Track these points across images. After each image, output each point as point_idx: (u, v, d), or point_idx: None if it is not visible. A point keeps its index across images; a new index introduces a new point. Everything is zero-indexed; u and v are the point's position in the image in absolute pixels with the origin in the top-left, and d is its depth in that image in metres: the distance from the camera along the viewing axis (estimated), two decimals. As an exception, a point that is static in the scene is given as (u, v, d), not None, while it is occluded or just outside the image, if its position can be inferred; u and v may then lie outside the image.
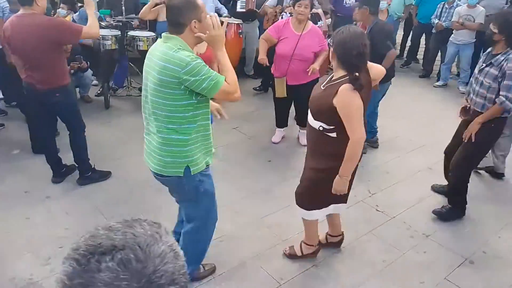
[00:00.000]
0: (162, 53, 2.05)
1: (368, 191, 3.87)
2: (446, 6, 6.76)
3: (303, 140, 4.69)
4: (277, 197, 3.68)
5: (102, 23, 5.34)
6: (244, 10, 6.13)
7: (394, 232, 3.35)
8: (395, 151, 4.67)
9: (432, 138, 4.85)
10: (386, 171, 4.27)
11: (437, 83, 7.03)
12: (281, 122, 4.75)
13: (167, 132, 2.16)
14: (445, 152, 3.71)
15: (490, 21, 3.28)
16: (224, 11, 6.05)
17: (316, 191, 2.70)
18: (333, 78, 2.48)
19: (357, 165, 2.59)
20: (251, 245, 3.10)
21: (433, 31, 6.99)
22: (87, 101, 5.51)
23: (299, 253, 2.96)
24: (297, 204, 2.82)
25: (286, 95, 4.36)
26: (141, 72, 5.52)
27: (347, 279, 2.84)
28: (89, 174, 3.79)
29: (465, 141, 3.28)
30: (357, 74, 2.33)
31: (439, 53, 7.26)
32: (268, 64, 4.31)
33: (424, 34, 7.61)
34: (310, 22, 4.31)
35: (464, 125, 3.38)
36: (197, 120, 2.17)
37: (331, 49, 2.49)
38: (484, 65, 3.19)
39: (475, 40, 6.40)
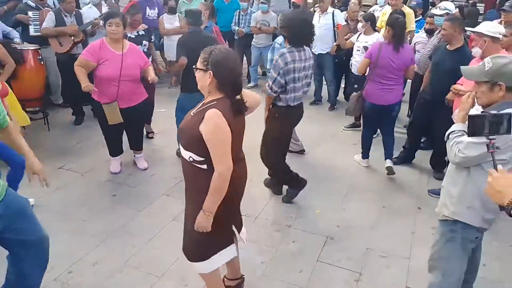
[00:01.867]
0: None
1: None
2: (242, 13, 7.33)
3: (142, 164, 4.44)
4: (136, 233, 3.35)
5: None
6: (39, 33, 5.38)
7: (262, 231, 3.46)
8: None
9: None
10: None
11: (249, 85, 7.57)
12: (116, 149, 4.36)
13: None
14: None
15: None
16: (15, 34, 5.23)
17: (208, 234, 2.26)
18: (204, 103, 2.21)
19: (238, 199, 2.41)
20: (125, 293, 2.75)
21: (236, 37, 7.48)
22: None
23: None
24: (190, 260, 2.41)
25: (122, 120, 4.00)
26: None
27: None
28: None
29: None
30: (238, 96, 2.18)
31: (244, 57, 7.82)
32: (96, 89, 3.88)
33: (227, 41, 8.09)
34: (126, 41, 4.08)
35: None
36: None
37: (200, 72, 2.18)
38: None
39: (272, 42, 7.10)
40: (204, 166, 2.18)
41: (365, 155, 4.63)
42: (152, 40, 5.23)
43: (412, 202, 3.93)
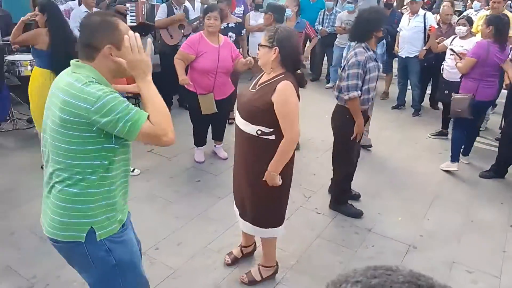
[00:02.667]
0: (67, 85, 1.59)
1: (303, 195, 3.90)
2: (327, 13, 7.28)
3: (223, 154, 4.57)
4: (216, 220, 3.47)
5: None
6: (135, 23, 5.74)
7: (340, 231, 3.41)
8: (313, 152, 4.81)
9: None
10: (312, 173, 4.37)
11: (328, 85, 7.50)
12: (201, 140, 4.53)
13: (69, 184, 1.64)
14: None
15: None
16: None
17: (275, 204, 2.56)
18: (268, 78, 2.39)
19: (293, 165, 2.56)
20: (206, 277, 2.85)
21: (318, 36, 7.44)
22: (-41, 142, 4.58)
23: (258, 278, 2.77)
24: (258, 226, 2.60)
25: (216, 110, 4.15)
26: (24, 101, 5.00)
27: (315, 289, 2.78)
28: None
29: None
30: (299, 71, 2.38)
31: (325, 57, 7.76)
32: (191, 83, 4.06)
33: (308, 41, 8.06)
34: (220, 34, 4.22)
35: None
36: (113, 169, 1.68)
37: (265, 48, 2.38)
38: None
39: (356, 42, 6.98)
40: (272, 137, 2.35)
41: (456, 157, 4.43)
42: (242, 34, 5.35)
43: (503, 219, 3.66)
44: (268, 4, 4.65)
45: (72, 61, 1.68)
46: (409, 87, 6.33)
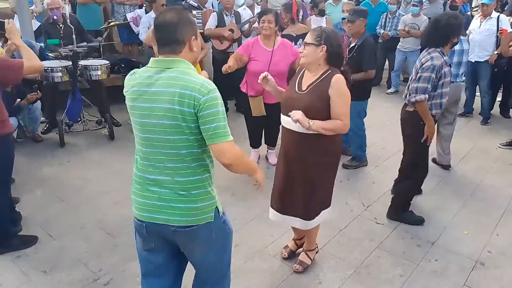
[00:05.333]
0: (175, 79, 1.69)
1: (362, 204, 3.80)
2: (389, 16, 7.07)
3: (273, 160, 4.57)
4: (272, 224, 3.45)
5: (50, 54, 4.88)
6: (202, 31, 5.91)
7: (401, 243, 3.28)
8: (373, 160, 4.67)
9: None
10: (372, 181, 4.24)
11: (389, 90, 7.28)
12: (257, 142, 4.58)
13: (189, 173, 1.78)
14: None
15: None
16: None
17: (323, 192, 2.75)
18: (317, 77, 2.54)
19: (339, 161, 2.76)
20: (261, 280, 2.86)
21: (380, 40, 7.25)
22: (37, 140, 4.95)
23: (309, 262, 2.97)
24: (308, 219, 2.74)
25: (265, 113, 4.19)
26: (93, 103, 5.32)
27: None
28: (7, 242, 3.08)
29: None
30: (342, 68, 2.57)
31: (386, 61, 7.54)
32: (228, 70, 4.04)
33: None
34: (278, 37, 4.23)
35: None
36: (209, 155, 1.86)
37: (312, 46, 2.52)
38: None
39: (420, 47, 6.71)
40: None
41: None
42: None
43: None
44: (352, 9, 4.52)
45: (156, 59, 1.77)
46: (477, 93, 5.99)
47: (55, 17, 5.07)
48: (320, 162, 2.62)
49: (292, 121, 2.45)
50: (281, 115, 2.67)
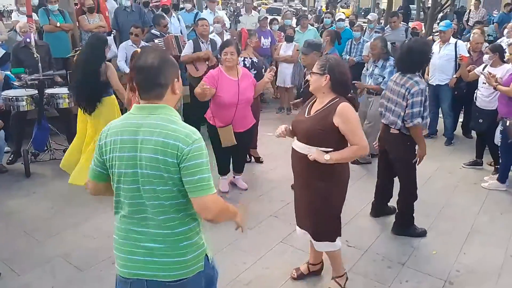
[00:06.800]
0: (159, 127, 1.64)
1: (334, 227, 3.83)
2: (354, 42, 7.33)
3: (242, 184, 4.62)
4: (245, 251, 3.44)
5: (15, 83, 4.78)
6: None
7: (372, 265, 3.32)
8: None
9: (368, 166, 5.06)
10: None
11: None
12: (225, 169, 4.55)
13: (176, 225, 1.71)
14: None
15: (395, 51, 3.67)
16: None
17: (333, 217, 2.82)
18: (323, 104, 2.65)
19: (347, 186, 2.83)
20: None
21: (346, 65, 7.46)
22: (1, 171, 4.78)
23: None
24: (318, 240, 2.84)
25: (236, 142, 4.21)
26: (61, 132, 5.21)
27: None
28: None
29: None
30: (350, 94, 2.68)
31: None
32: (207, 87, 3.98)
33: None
34: (239, 67, 4.30)
35: None
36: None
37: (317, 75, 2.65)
38: None
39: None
40: None
41: (504, 180, 4.53)
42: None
43: (547, 255, 3.48)
44: (306, 42, 4.70)
45: (138, 106, 1.72)
46: (440, 115, 6.23)
47: (28, 40, 4.97)
48: (324, 187, 2.70)
49: (310, 159, 2.56)
50: (293, 139, 2.80)
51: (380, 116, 3.72)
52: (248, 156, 5.14)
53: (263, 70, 4.82)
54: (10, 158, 5.04)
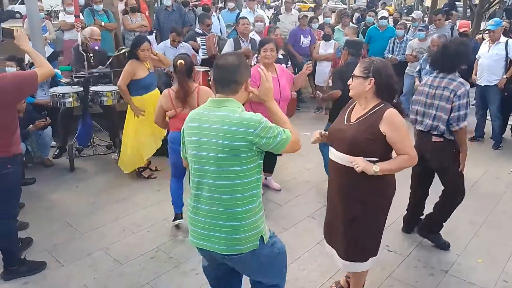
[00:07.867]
0: (225, 117, 1.94)
1: (372, 231, 3.73)
2: (397, 41, 7.12)
3: (275, 185, 4.57)
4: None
5: (62, 80, 4.96)
6: (207, 56, 6.02)
7: (413, 272, 3.20)
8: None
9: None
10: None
11: (398, 114, 7.25)
12: (268, 167, 4.51)
13: (237, 204, 1.97)
14: None
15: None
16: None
17: (377, 233, 2.60)
18: (367, 110, 2.44)
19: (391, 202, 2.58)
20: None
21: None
22: (47, 164, 4.98)
23: None
24: (352, 260, 2.59)
25: None
26: (104, 128, 5.38)
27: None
28: (15, 268, 3.06)
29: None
30: (395, 100, 2.46)
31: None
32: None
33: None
34: (275, 64, 4.24)
35: None
36: (259, 185, 2.05)
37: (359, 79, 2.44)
38: None
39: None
40: None
41: None
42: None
43: None
44: (346, 40, 4.62)
45: (212, 99, 2.04)
46: (488, 117, 5.94)
47: (96, 47, 5.12)
48: (367, 201, 2.47)
49: (356, 171, 2.34)
50: (330, 147, 2.58)
51: (411, 123, 3.48)
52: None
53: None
54: (56, 153, 5.24)
